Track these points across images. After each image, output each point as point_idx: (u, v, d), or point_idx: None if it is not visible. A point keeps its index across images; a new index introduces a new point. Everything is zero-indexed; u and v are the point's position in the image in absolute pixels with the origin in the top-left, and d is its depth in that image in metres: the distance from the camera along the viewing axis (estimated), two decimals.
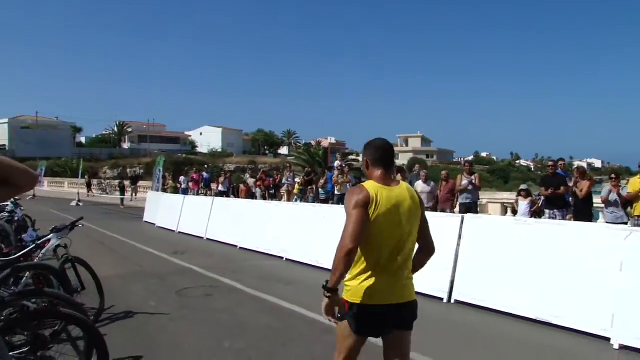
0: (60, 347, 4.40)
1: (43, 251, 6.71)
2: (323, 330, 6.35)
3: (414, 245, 3.47)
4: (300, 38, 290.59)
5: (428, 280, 8.14)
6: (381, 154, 3.48)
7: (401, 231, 3.31)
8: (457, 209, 14.31)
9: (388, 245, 3.28)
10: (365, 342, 3.44)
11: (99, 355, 3.97)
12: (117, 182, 40.83)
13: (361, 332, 3.32)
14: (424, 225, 3.51)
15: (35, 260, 6.57)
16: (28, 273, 6.24)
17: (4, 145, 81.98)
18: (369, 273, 3.29)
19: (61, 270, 6.42)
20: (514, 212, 13.79)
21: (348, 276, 3.33)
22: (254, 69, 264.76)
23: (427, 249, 3.59)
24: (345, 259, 3.14)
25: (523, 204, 13.01)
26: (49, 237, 6.79)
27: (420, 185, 15.25)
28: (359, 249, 3.22)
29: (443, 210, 13.98)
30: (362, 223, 3.18)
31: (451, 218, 8.74)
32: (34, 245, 6.70)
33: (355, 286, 3.30)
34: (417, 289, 7.94)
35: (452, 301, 7.80)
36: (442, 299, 7.88)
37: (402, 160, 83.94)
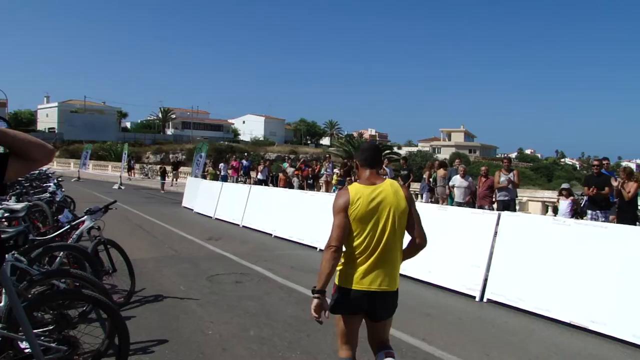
0: (86, 327, 4.46)
1: (77, 232, 6.85)
2: None
3: (398, 238, 3.76)
4: (345, 29, 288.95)
5: (460, 277, 8.05)
6: (367, 155, 3.92)
7: (382, 225, 3.66)
8: (495, 206, 14.06)
9: (369, 237, 3.65)
10: (359, 324, 3.87)
11: (120, 338, 4.01)
12: (158, 167, 41.48)
13: (342, 309, 3.75)
14: (413, 218, 3.81)
15: (69, 241, 6.72)
16: (62, 253, 6.38)
17: (54, 128, 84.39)
18: (354, 262, 3.67)
19: (93, 252, 6.54)
20: (555, 212, 13.46)
21: (341, 264, 3.72)
22: (298, 58, 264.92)
23: (416, 241, 3.83)
24: (331, 259, 3.56)
25: (564, 204, 12.68)
26: (83, 218, 6.93)
27: (457, 180, 15.03)
28: (346, 243, 3.67)
29: (481, 207, 13.74)
30: (343, 227, 3.63)
31: (487, 215, 8.57)
32: (68, 226, 6.85)
33: (342, 271, 3.71)
34: (449, 285, 7.87)
35: (485, 300, 7.64)
36: (474, 297, 7.73)
37: (444, 154, 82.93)
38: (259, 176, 25.93)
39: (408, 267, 9.13)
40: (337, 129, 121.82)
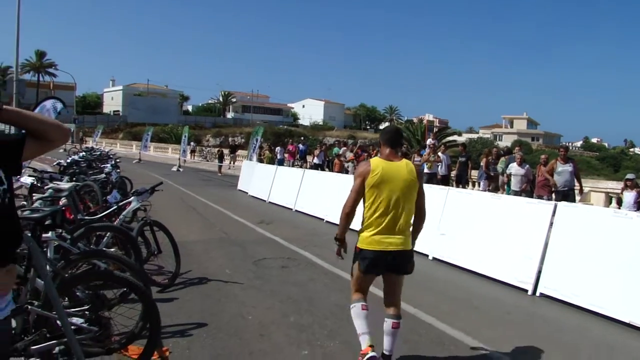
0: (122, 309, 4.49)
1: (124, 213, 6.95)
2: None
3: (411, 210, 4.60)
4: (408, 16, 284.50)
5: (512, 269, 7.77)
6: (389, 136, 4.72)
7: (397, 195, 4.48)
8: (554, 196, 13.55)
9: (385, 205, 4.48)
10: (372, 280, 4.84)
11: (151, 322, 4.01)
12: (216, 150, 42.10)
13: (365, 271, 4.63)
14: (418, 195, 4.66)
15: (116, 222, 6.82)
16: (109, 234, 6.49)
17: (118, 110, 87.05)
18: (373, 227, 4.55)
19: (138, 233, 6.63)
20: (619, 203, 12.84)
21: (361, 230, 4.69)
22: (360, 42, 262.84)
23: (418, 215, 4.73)
24: (346, 217, 4.71)
25: (629, 195, 12.06)
26: (129, 199, 7.02)
27: (514, 168, 14.56)
28: (365, 209, 4.59)
29: (540, 197, 13.25)
30: (358, 192, 4.57)
31: (543, 205, 8.20)
32: (115, 206, 6.96)
33: (363, 237, 4.63)
34: (499, 277, 7.59)
35: (537, 294, 7.32)
36: (525, 291, 7.43)
37: (505, 141, 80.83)
38: (315, 160, 25.89)
39: (456, 256, 8.92)
40: (396, 114, 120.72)
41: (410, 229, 4.66)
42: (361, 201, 4.65)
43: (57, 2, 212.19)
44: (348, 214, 4.68)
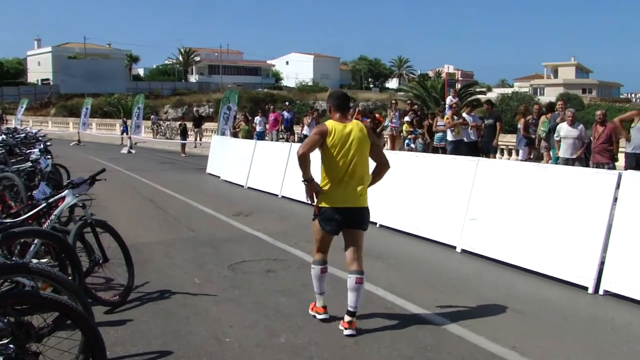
0: (57, 340, 4.38)
1: (56, 212, 6.82)
2: (413, 325, 6.10)
3: (364, 166, 6.15)
4: None
5: (566, 261, 7.70)
6: (337, 102, 6.30)
7: (350, 154, 5.99)
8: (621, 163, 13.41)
9: (342, 164, 5.99)
10: (332, 238, 6.37)
11: (94, 358, 3.89)
12: (177, 123, 41.83)
13: (327, 228, 6.19)
14: (374, 149, 6.29)
15: (46, 224, 6.69)
16: (37, 241, 6.36)
17: (48, 79, 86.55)
18: (330, 185, 6.05)
19: (75, 237, 6.50)
20: None
21: (320, 186, 6.12)
22: None
23: (380, 165, 6.43)
24: (301, 160, 5.99)
25: None
26: (62, 194, 6.88)
27: (564, 129, 14.38)
28: (323, 168, 6.11)
29: (598, 165, 13.10)
30: (313, 143, 6.03)
31: (603, 175, 8.08)
32: (45, 204, 6.81)
33: (324, 193, 6.08)
34: (549, 271, 7.50)
35: (600, 292, 7.25)
36: (585, 289, 7.35)
37: (548, 96, 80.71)
38: (305, 131, 25.75)
39: (491, 246, 8.83)
40: (407, 67, 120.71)
41: (367, 184, 6.24)
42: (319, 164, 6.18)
43: None
44: (304, 154, 5.98)
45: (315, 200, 6.17)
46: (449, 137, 18.67)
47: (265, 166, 17.26)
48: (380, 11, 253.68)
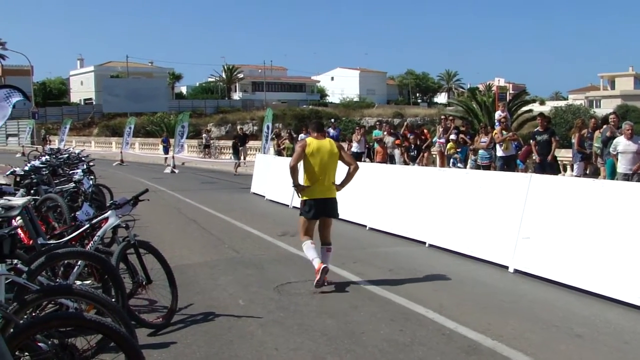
0: None
1: (99, 233, 6.94)
2: (464, 349, 6.06)
3: (333, 170, 8.87)
4: None
5: (625, 282, 7.55)
6: (315, 126, 9.41)
7: (324, 162, 8.68)
8: None
9: (317, 169, 8.67)
10: (315, 223, 8.86)
11: None
12: (231, 141, 41.89)
13: (310, 215, 8.77)
14: (343, 157, 9.04)
15: (89, 245, 6.81)
16: (81, 262, 6.47)
17: (90, 99, 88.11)
18: (311, 182, 8.72)
19: (119, 258, 6.60)
20: None
21: (303, 185, 8.78)
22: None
23: (350, 167, 8.92)
24: (292, 170, 8.63)
25: None
26: (106, 215, 7.00)
27: (622, 143, 14.18)
28: (305, 172, 8.79)
29: None
30: (298, 155, 8.74)
31: None
32: (88, 225, 6.94)
33: (306, 190, 8.72)
34: (606, 292, 7.33)
35: None
36: (637, 307, 7.23)
37: (605, 108, 79.28)
38: (354, 148, 25.79)
39: (546, 266, 8.71)
40: (456, 81, 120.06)
41: (336, 182, 8.95)
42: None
43: None
44: (293, 168, 8.70)
45: (301, 195, 8.90)
46: (499, 152, 18.52)
47: None
48: (427, 24, 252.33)
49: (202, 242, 12.39)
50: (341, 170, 8.98)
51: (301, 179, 8.86)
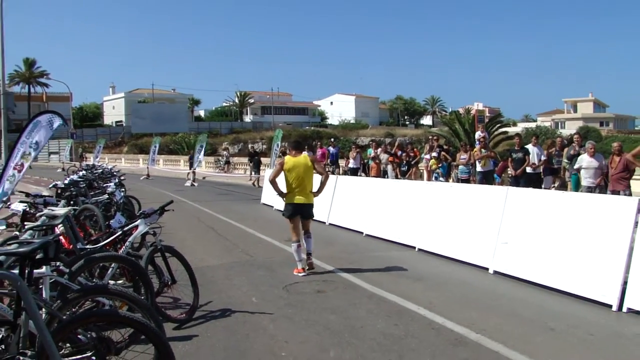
0: (133, 354, 4.42)
1: (130, 239, 6.91)
2: (451, 342, 6.03)
3: (309, 180, 9.65)
4: None
5: (591, 280, 7.55)
6: (294, 145, 10.08)
7: (300, 175, 9.51)
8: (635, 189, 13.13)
9: (295, 180, 9.53)
10: (298, 222, 9.61)
11: None
12: (246, 159, 41.87)
13: (291, 216, 9.61)
14: (317, 168, 9.79)
15: (122, 250, 6.79)
16: (114, 265, 6.46)
17: (121, 121, 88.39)
18: (291, 191, 9.60)
19: (148, 261, 6.59)
20: None
21: (286, 193, 9.68)
22: (391, 30, 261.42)
23: (323, 176, 9.74)
24: (271, 183, 9.74)
25: None
26: (136, 223, 6.98)
27: (585, 160, 14.23)
28: (286, 183, 9.64)
29: (615, 192, 12.87)
30: (276, 171, 9.83)
31: (625, 201, 7.92)
32: (120, 232, 6.93)
33: (288, 197, 9.64)
34: (576, 290, 7.27)
35: (624, 309, 7.04)
36: (609, 306, 7.16)
37: (569, 129, 79.39)
38: (351, 164, 25.78)
39: (522, 268, 8.68)
40: (439, 105, 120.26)
41: (313, 190, 9.76)
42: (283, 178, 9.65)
43: (44, 4, 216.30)
44: (272, 181, 9.70)
45: (284, 200, 9.77)
46: (478, 168, 18.55)
47: None
48: (414, 55, 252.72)
49: (219, 246, 12.35)
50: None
51: (284, 188, 9.72)
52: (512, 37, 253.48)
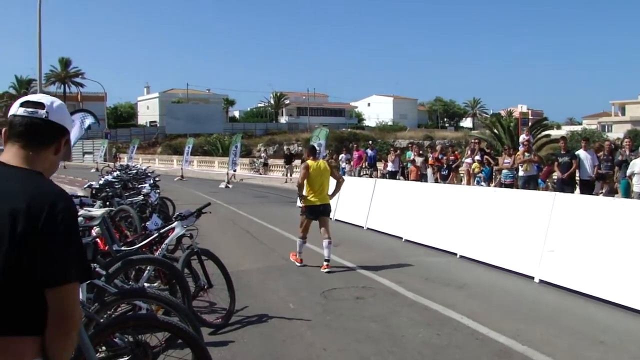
0: (170, 359, 4.42)
1: (167, 241, 6.95)
2: (496, 353, 5.93)
3: (327, 183, 10.66)
4: None
5: (627, 287, 7.33)
6: (310, 152, 11.17)
7: (321, 178, 10.50)
8: None
9: (316, 183, 10.44)
10: (311, 222, 10.62)
11: None
12: (282, 160, 42.00)
13: (309, 216, 10.56)
14: (334, 173, 11.03)
15: (158, 252, 6.83)
16: (150, 267, 6.49)
17: (155, 121, 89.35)
18: (311, 194, 10.48)
19: (184, 264, 6.61)
20: None
21: (306, 196, 10.54)
22: (431, 28, 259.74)
23: (338, 181, 10.91)
24: (299, 185, 10.72)
25: None
26: (172, 225, 7.01)
27: (638, 165, 13.88)
28: (308, 185, 10.53)
29: None
30: (304, 174, 10.57)
31: None
32: (157, 234, 6.96)
33: (307, 199, 10.51)
34: (629, 303, 7.08)
35: None
36: None
37: (616, 132, 77.90)
38: (389, 167, 25.72)
39: (570, 277, 8.51)
40: (480, 107, 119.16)
41: (330, 192, 10.66)
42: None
43: (80, 5, 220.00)
44: (300, 185, 10.62)
45: (303, 202, 10.66)
46: (520, 172, 18.31)
47: (352, 200, 17.19)
48: (453, 56, 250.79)
49: (255, 250, 12.39)
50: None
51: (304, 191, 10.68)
52: (555, 35, 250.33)
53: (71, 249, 2.25)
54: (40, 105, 2.42)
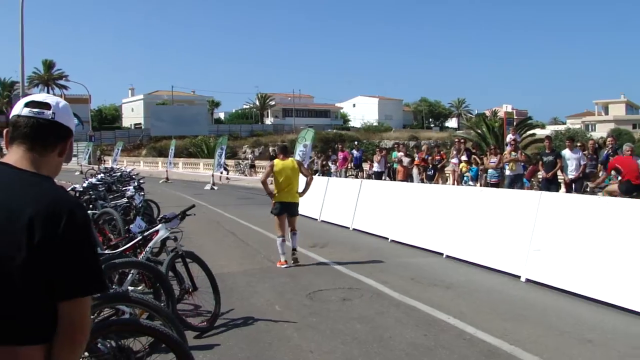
0: None
1: (151, 244, 6.87)
2: (484, 353, 5.90)
3: (295, 181, 10.99)
4: None
5: (630, 290, 7.35)
6: (280, 150, 11.59)
7: (288, 176, 10.77)
8: None
9: (283, 181, 10.76)
10: (284, 219, 10.89)
11: None
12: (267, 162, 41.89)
13: (279, 213, 10.84)
14: (302, 170, 11.31)
15: (142, 255, 6.75)
16: (134, 271, 6.42)
17: (140, 123, 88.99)
18: (278, 191, 10.84)
19: (168, 267, 6.54)
20: None
21: (275, 193, 10.88)
22: (413, 26, 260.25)
23: (308, 177, 11.24)
24: (264, 185, 10.93)
25: None
26: (156, 227, 6.95)
27: None
28: (275, 182, 10.94)
29: None
30: (267, 173, 11.01)
31: None
32: (140, 237, 6.89)
33: (276, 196, 10.86)
34: (615, 300, 7.10)
35: None
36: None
37: (599, 131, 78.40)
38: (375, 168, 25.70)
39: (556, 276, 8.52)
40: (465, 107, 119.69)
41: (299, 191, 11.03)
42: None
43: (63, 6, 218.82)
44: (263, 182, 10.89)
45: (273, 199, 10.89)
46: (507, 171, 18.38)
47: (337, 201, 17.18)
48: (438, 55, 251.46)
49: (240, 252, 12.32)
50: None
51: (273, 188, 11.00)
52: (538, 36, 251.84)
53: (90, 260, 2.20)
54: (46, 105, 2.34)
